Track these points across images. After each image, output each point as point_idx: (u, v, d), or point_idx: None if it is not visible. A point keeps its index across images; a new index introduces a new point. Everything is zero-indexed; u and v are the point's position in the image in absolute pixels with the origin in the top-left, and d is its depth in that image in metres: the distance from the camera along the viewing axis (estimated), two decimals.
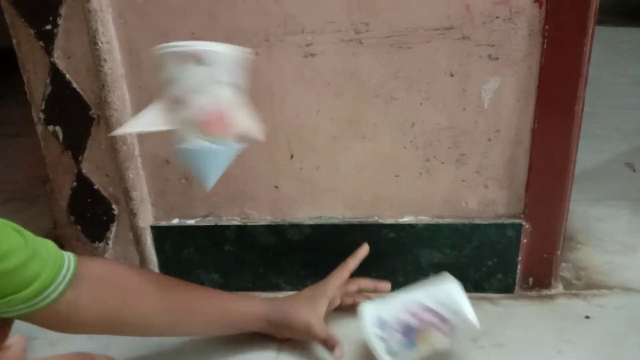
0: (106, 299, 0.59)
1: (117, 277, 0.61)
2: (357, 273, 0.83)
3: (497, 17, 0.68)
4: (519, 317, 0.78)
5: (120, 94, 0.74)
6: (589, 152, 1.17)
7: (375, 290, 0.77)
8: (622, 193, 1.08)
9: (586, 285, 0.83)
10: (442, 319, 0.64)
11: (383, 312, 0.66)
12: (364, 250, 0.77)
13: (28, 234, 0.54)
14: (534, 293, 0.82)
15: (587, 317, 0.77)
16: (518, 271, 0.80)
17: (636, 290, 0.81)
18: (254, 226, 0.81)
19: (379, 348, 0.64)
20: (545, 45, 0.69)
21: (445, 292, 0.67)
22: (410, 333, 0.64)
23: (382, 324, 0.65)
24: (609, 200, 1.05)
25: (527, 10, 0.67)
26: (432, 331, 0.64)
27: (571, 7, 0.67)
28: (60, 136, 0.77)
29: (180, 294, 0.65)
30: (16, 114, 1.52)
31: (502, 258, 0.80)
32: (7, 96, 1.57)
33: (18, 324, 0.58)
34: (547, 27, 0.68)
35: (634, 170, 1.17)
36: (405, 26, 0.69)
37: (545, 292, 0.81)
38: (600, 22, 0.69)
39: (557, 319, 0.77)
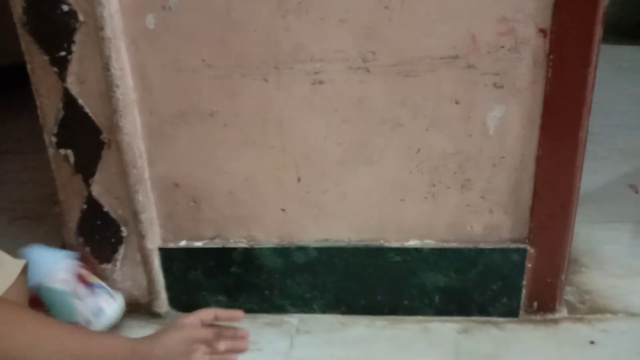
0: None
1: None
2: (364, 295, 0.84)
3: (502, 47, 0.69)
4: (524, 341, 0.78)
5: (131, 118, 0.75)
6: (592, 174, 1.17)
7: (230, 318, 0.66)
8: (625, 215, 1.08)
9: (590, 309, 0.83)
10: None
11: None
12: (238, 313, 0.65)
13: None
14: (538, 317, 0.82)
15: (592, 342, 0.77)
16: (523, 295, 0.81)
17: None
18: (261, 248, 0.82)
19: None
20: (549, 74, 0.70)
21: None
22: None
23: None
24: (612, 222, 1.05)
25: (531, 40, 0.69)
26: None
27: (575, 38, 0.68)
28: (72, 159, 0.78)
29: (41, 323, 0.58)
30: (23, 130, 1.54)
31: (507, 282, 0.80)
32: (14, 113, 1.58)
33: None
34: (551, 56, 0.69)
35: (637, 192, 1.17)
36: (412, 55, 0.70)
37: (549, 316, 0.82)
38: (601, 39, 0.70)
39: (561, 344, 0.77)
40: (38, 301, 0.70)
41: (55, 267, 0.68)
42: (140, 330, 0.84)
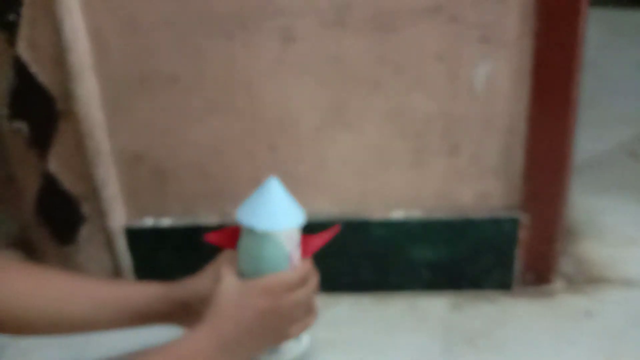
0: (14, 285, 0.55)
1: (17, 266, 0.59)
2: (347, 272, 0.79)
3: None
4: (518, 315, 0.74)
5: (88, 86, 0.70)
6: (590, 141, 1.13)
7: None
8: (625, 183, 1.03)
9: (587, 279, 0.79)
10: None
11: None
12: None
13: None
14: (533, 289, 0.78)
15: (588, 313, 0.73)
16: (516, 267, 0.76)
17: (638, 285, 0.78)
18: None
19: None
20: (538, 26, 0.64)
21: None
22: None
23: None
24: (612, 191, 1.01)
25: None
26: None
27: None
28: (26, 133, 0.73)
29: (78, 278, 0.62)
30: None
31: (500, 253, 0.76)
32: None
33: None
34: (539, 6, 0.63)
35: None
36: (390, 7, 0.65)
37: (544, 287, 0.78)
38: (601, 3, 0.65)
39: (557, 316, 0.73)
40: (230, 235, 0.61)
41: (289, 220, 0.57)
42: None
